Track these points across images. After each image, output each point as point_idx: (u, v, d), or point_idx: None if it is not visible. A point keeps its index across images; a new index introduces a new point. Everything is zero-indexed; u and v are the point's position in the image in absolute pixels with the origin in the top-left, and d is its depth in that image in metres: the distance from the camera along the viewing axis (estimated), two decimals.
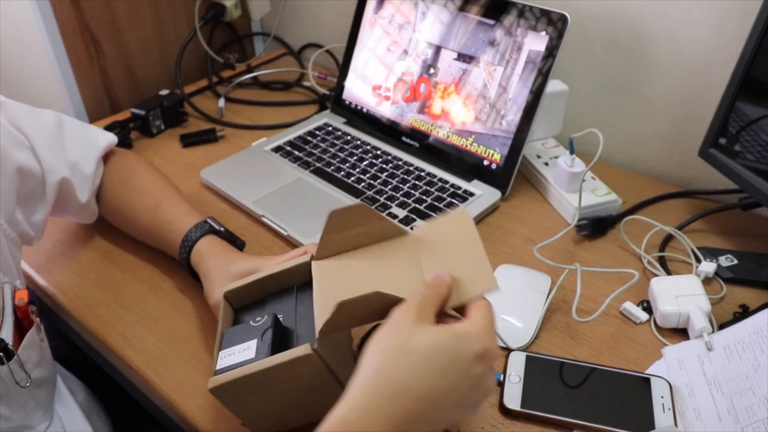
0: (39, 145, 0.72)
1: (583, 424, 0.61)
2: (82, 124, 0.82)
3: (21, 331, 0.66)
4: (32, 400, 0.69)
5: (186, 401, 0.66)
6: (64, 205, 0.78)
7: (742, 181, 0.78)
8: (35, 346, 0.68)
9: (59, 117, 0.79)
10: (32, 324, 0.67)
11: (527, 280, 0.76)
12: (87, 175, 0.78)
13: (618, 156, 1.03)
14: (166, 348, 0.71)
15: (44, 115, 0.77)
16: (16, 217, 0.69)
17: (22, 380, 0.65)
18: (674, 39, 0.91)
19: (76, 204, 0.79)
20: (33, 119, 0.74)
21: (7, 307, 0.64)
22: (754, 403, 0.59)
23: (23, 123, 0.72)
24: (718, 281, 0.77)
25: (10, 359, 0.62)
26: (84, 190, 0.78)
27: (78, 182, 0.77)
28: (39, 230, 0.74)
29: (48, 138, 0.74)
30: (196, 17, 1.23)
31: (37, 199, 0.73)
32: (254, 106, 1.21)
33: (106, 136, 0.84)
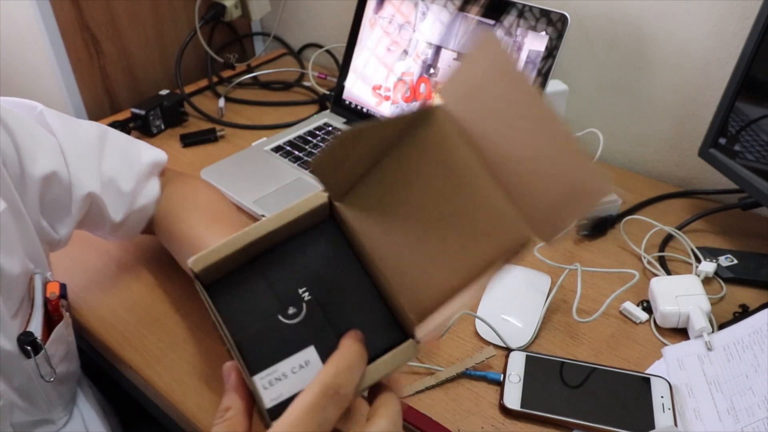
0: (70, 156, 0.68)
1: (583, 424, 0.61)
2: (129, 140, 0.77)
3: (49, 325, 0.65)
4: (55, 394, 0.68)
5: (186, 401, 0.66)
6: (95, 221, 0.73)
7: (742, 181, 0.78)
8: (62, 340, 0.67)
9: (103, 131, 0.74)
10: (61, 318, 0.66)
11: (527, 280, 0.76)
12: (124, 192, 0.72)
13: (618, 156, 1.03)
14: (166, 348, 0.71)
15: (85, 127, 0.73)
16: (41, 223, 0.67)
17: (47, 375, 0.63)
18: (674, 39, 0.91)
19: (109, 222, 0.72)
20: (69, 130, 0.70)
21: (37, 299, 0.63)
22: (753, 402, 0.59)
23: (58, 132, 0.69)
24: (718, 281, 0.77)
25: (37, 353, 0.61)
26: (118, 207, 0.72)
27: (111, 199, 0.71)
28: (64, 240, 0.71)
29: (82, 150, 0.70)
30: (196, 17, 1.23)
31: (62, 210, 0.68)
32: (254, 106, 1.21)
33: (152, 153, 0.78)
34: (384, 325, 0.41)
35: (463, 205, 0.38)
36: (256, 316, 0.39)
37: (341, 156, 0.37)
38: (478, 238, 0.38)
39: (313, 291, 0.40)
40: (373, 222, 0.40)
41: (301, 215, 0.40)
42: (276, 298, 0.39)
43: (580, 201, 0.35)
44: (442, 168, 0.39)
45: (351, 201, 0.41)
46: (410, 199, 0.40)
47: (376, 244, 0.40)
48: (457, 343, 0.70)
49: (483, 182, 0.37)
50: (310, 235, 0.41)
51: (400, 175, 0.40)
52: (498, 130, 0.37)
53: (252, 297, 0.39)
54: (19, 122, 0.64)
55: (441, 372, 0.66)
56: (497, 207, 0.37)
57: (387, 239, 0.40)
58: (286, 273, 0.40)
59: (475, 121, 0.38)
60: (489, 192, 0.37)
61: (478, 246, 0.38)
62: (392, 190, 0.40)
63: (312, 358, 0.38)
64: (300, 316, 0.39)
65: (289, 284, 0.40)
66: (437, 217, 0.39)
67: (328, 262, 0.41)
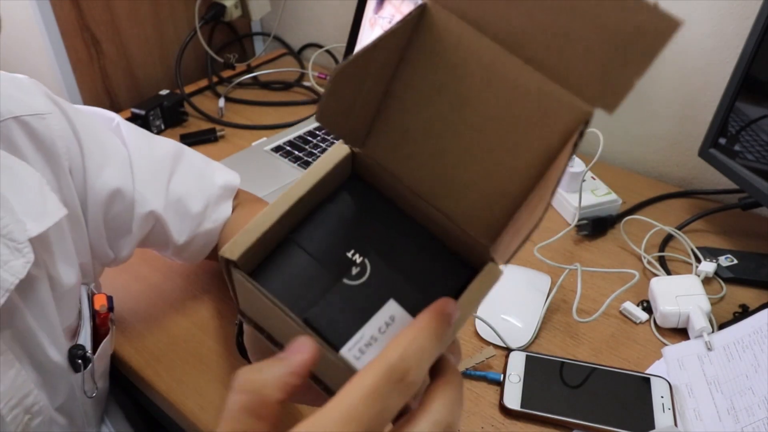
0: (138, 172, 0.66)
1: (583, 424, 0.61)
2: (205, 161, 0.75)
3: (95, 338, 0.63)
4: (91, 411, 0.67)
5: (186, 401, 0.66)
6: (158, 241, 0.70)
7: (742, 181, 0.78)
8: (106, 355, 0.66)
9: (179, 149, 0.72)
10: (108, 332, 0.65)
11: (527, 280, 0.76)
12: (191, 214, 0.70)
13: (618, 156, 1.03)
14: (165, 348, 0.71)
15: (161, 144, 0.71)
16: (101, 240, 0.65)
17: (89, 390, 0.62)
18: (674, 39, 0.90)
19: (172, 243, 0.70)
20: (143, 145, 0.68)
21: (84, 311, 0.62)
22: (753, 402, 0.59)
23: (131, 147, 0.67)
24: (718, 281, 0.77)
25: (86, 367, 0.60)
26: (183, 229, 0.70)
27: (175, 219, 0.69)
28: (121, 259, 0.69)
29: (152, 167, 0.68)
30: (196, 17, 1.23)
31: (123, 227, 0.66)
32: (254, 106, 1.21)
33: (226, 176, 0.74)
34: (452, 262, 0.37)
35: (499, 102, 0.33)
36: (316, 288, 0.35)
37: (345, 97, 0.33)
38: (529, 131, 0.33)
39: (363, 250, 0.36)
40: (407, 156, 0.37)
41: (326, 173, 0.36)
42: (328, 266, 0.36)
43: (644, 49, 0.29)
44: (461, 69, 0.34)
45: (375, 143, 0.37)
46: (438, 116, 0.35)
47: (418, 179, 0.37)
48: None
49: (512, 69, 0.32)
50: (340, 197, 0.38)
51: (418, 95, 0.35)
52: (509, 1, 0.31)
53: (303, 272, 0.35)
54: (91, 133, 0.63)
55: None
56: (540, 90, 0.32)
57: (427, 169, 0.36)
58: (328, 241, 0.37)
59: (476, 2, 0.32)
60: (524, 77, 0.32)
61: (530, 140, 0.33)
62: (415, 114, 0.36)
63: (396, 312, 0.34)
64: (366, 275, 0.35)
65: (337, 251, 0.36)
66: (475, 126, 0.34)
67: (367, 219, 0.38)
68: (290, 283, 0.35)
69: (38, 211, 0.54)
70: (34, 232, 0.53)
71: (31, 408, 0.57)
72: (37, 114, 0.58)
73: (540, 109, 0.32)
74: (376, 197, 0.39)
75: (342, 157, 0.37)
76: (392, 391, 0.28)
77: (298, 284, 0.35)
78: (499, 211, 0.36)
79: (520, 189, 0.35)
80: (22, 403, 0.56)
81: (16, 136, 0.56)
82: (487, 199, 0.36)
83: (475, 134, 0.35)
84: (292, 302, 0.34)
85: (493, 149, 0.35)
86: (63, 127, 0.60)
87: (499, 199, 0.35)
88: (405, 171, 0.37)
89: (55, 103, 0.60)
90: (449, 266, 0.37)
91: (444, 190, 0.37)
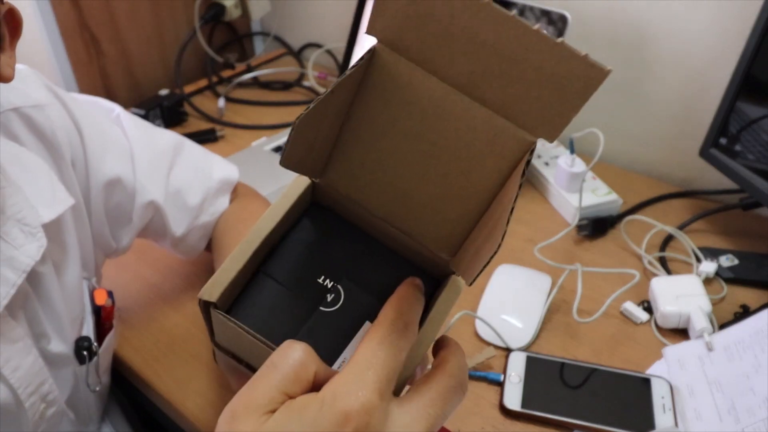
0: (139, 163, 0.67)
1: (583, 425, 0.61)
2: (205, 154, 0.76)
3: (99, 333, 0.64)
4: (93, 406, 0.67)
5: (186, 402, 0.65)
6: (157, 232, 0.71)
7: (742, 181, 0.78)
8: (110, 350, 0.66)
9: (180, 142, 0.73)
10: (112, 326, 0.65)
11: (527, 280, 0.76)
12: (189, 207, 0.71)
13: (618, 156, 1.03)
14: (165, 348, 0.71)
15: (161, 135, 0.72)
16: (103, 229, 0.66)
17: (93, 384, 0.62)
18: (675, 39, 0.91)
19: (170, 235, 0.71)
20: (143, 136, 0.69)
21: (86, 305, 0.62)
22: (754, 403, 0.59)
23: (132, 137, 0.68)
24: (719, 281, 0.77)
25: (91, 359, 0.60)
26: (180, 221, 0.70)
27: (174, 211, 0.69)
28: (122, 249, 0.69)
29: (152, 158, 0.68)
30: (196, 17, 1.23)
31: (124, 217, 0.67)
32: (254, 106, 1.21)
33: (224, 170, 0.75)
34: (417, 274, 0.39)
35: (449, 134, 0.36)
36: (293, 318, 0.37)
37: (306, 140, 0.35)
38: (480, 158, 0.36)
39: (334, 275, 0.39)
40: (365, 184, 0.39)
41: (291, 206, 0.39)
42: (302, 294, 0.38)
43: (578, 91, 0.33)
44: (413, 105, 0.36)
45: (334, 172, 0.39)
46: (393, 147, 0.38)
47: (377, 203, 0.39)
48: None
49: (460, 105, 0.35)
50: (303, 225, 0.41)
51: (373, 129, 0.38)
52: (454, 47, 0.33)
53: (279, 304, 0.38)
54: (92, 123, 0.63)
55: None
56: (487, 124, 0.35)
57: (386, 194, 0.39)
58: (298, 269, 0.39)
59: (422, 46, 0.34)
60: (472, 112, 0.35)
61: (482, 166, 0.36)
62: (371, 146, 0.38)
63: None
64: (341, 300, 0.38)
65: (308, 279, 0.39)
66: (429, 154, 0.37)
67: (332, 243, 0.40)
68: (268, 316, 0.38)
69: (48, 198, 0.55)
70: (46, 218, 0.54)
71: (47, 396, 0.57)
72: (36, 105, 0.58)
73: (489, 139, 0.36)
74: (337, 221, 0.41)
75: (304, 189, 0.40)
76: (399, 338, 0.32)
77: (276, 316, 0.38)
78: (457, 230, 0.39)
79: (475, 209, 0.38)
80: (39, 391, 0.56)
81: (16, 127, 0.57)
82: (444, 218, 0.38)
83: (429, 161, 0.37)
84: (272, 334, 0.36)
85: (448, 174, 0.37)
86: (63, 118, 0.60)
87: (456, 218, 0.38)
88: (364, 197, 0.39)
89: (55, 93, 0.61)
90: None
91: (402, 212, 0.39)
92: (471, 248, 0.37)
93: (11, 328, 0.53)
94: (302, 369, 0.31)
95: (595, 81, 0.32)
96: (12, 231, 0.52)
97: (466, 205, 0.38)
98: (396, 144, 0.38)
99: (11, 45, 0.50)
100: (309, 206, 0.42)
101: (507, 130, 0.35)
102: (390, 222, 0.39)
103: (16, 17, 0.50)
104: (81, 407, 0.64)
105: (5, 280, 0.50)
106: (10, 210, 0.52)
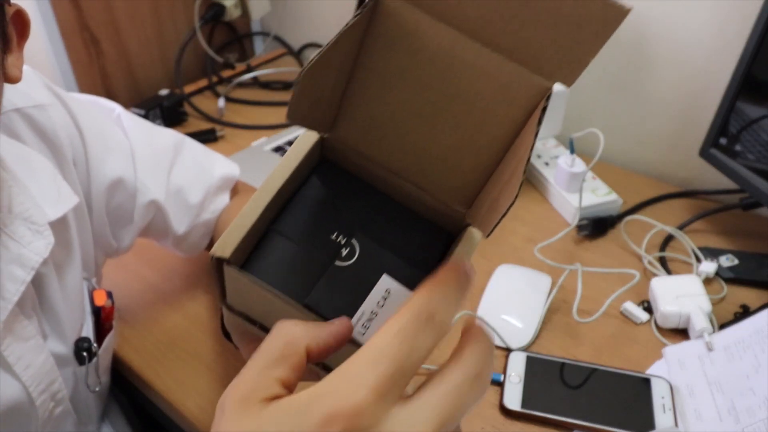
0: (140, 162, 0.66)
1: (583, 425, 0.61)
2: (206, 152, 0.76)
3: (99, 333, 0.64)
4: (93, 407, 0.67)
5: (186, 402, 0.65)
6: (158, 231, 0.71)
7: (742, 181, 0.78)
8: (110, 351, 0.66)
9: (180, 140, 0.73)
10: (111, 327, 0.65)
11: (527, 280, 0.76)
12: (190, 205, 0.71)
13: (618, 156, 1.03)
14: (165, 348, 0.71)
15: (162, 134, 0.72)
16: (104, 229, 0.66)
17: (92, 384, 0.62)
18: (675, 39, 0.91)
19: (172, 234, 0.71)
20: (144, 135, 0.69)
21: (86, 306, 0.63)
22: (754, 403, 0.59)
23: (132, 137, 0.68)
24: (719, 281, 0.77)
25: (90, 360, 0.60)
26: (182, 219, 0.70)
27: (175, 210, 0.69)
28: (123, 248, 0.69)
29: (153, 157, 0.68)
30: (196, 17, 1.23)
31: (125, 217, 0.67)
32: (254, 106, 1.21)
33: (225, 167, 0.75)
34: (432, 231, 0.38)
35: (460, 83, 0.35)
36: (308, 274, 0.36)
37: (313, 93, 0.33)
38: (493, 108, 0.34)
39: (347, 231, 0.37)
40: (376, 139, 0.38)
41: (300, 162, 0.37)
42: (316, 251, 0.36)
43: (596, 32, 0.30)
44: (421, 54, 0.34)
45: (343, 128, 0.38)
46: (402, 99, 0.36)
47: (388, 157, 0.38)
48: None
49: (471, 52, 0.33)
50: (312, 182, 0.39)
51: (381, 81, 0.36)
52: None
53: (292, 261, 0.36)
54: (92, 123, 0.63)
55: None
56: (500, 70, 0.33)
57: (397, 148, 0.38)
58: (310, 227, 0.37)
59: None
60: (484, 59, 0.33)
61: (495, 116, 0.35)
62: (380, 99, 0.37)
63: (391, 286, 0.35)
64: (356, 255, 0.36)
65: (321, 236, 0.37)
66: (440, 106, 0.35)
67: (343, 201, 0.39)
68: (282, 272, 0.36)
69: (54, 197, 0.56)
70: (52, 216, 0.55)
71: (56, 395, 0.57)
72: (38, 105, 0.58)
73: (501, 87, 0.34)
74: (347, 178, 0.40)
75: (312, 144, 0.38)
76: (421, 331, 0.28)
77: (290, 272, 0.36)
78: (471, 181, 0.37)
79: (489, 161, 0.36)
80: (49, 389, 0.56)
81: (19, 128, 0.57)
82: (458, 170, 0.37)
83: (440, 113, 0.36)
84: (286, 290, 0.34)
85: (460, 125, 0.36)
86: (64, 118, 0.60)
87: (470, 170, 0.37)
88: (375, 151, 0.38)
89: (55, 94, 0.61)
90: (430, 235, 0.39)
91: (415, 165, 0.38)
92: (487, 200, 0.35)
93: (23, 326, 0.53)
94: (287, 347, 0.28)
95: (614, 21, 0.30)
96: (19, 229, 0.52)
97: (479, 157, 0.36)
98: (405, 96, 0.36)
99: (19, 46, 0.50)
100: (318, 163, 0.40)
101: (521, 76, 0.33)
102: (402, 176, 0.38)
103: (23, 19, 0.50)
104: (81, 407, 0.64)
105: (15, 278, 0.51)
106: (18, 209, 0.52)
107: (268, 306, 0.35)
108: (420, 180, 0.38)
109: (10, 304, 0.50)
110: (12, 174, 0.53)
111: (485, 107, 0.35)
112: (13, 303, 0.50)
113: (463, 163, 0.37)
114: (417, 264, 0.37)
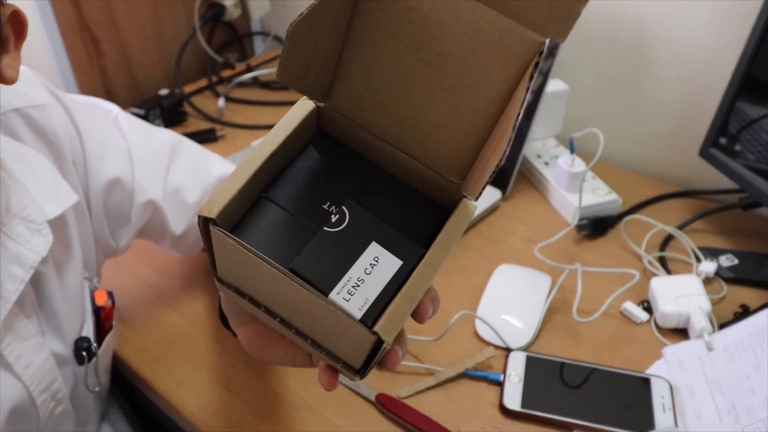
0: (137, 162, 0.66)
1: (583, 425, 0.61)
2: (203, 152, 0.76)
3: (99, 333, 0.64)
4: (92, 407, 0.67)
5: (185, 402, 0.65)
6: (156, 232, 0.71)
7: (742, 180, 0.78)
8: (110, 351, 0.67)
9: (178, 140, 0.73)
10: (111, 327, 0.65)
11: (527, 280, 0.76)
12: (188, 205, 0.71)
13: (618, 156, 1.03)
14: (165, 349, 0.71)
15: (159, 134, 0.72)
16: (103, 230, 0.66)
17: (92, 384, 0.62)
18: (675, 38, 0.91)
19: (170, 234, 0.71)
20: (141, 135, 0.69)
21: (86, 305, 0.63)
22: (754, 403, 0.59)
23: (129, 137, 0.68)
24: (719, 281, 0.77)
25: (90, 360, 0.60)
26: (179, 220, 0.70)
27: (173, 210, 0.69)
28: (121, 249, 0.69)
29: (151, 157, 0.68)
30: (195, 17, 1.23)
31: (122, 217, 0.67)
32: (254, 106, 1.21)
33: (222, 167, 0.75)
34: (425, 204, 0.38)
35: (454, 41, 0.34)
36: (296, 241, 0.35)
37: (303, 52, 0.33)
38: (486, 66, 0.34)
39: (339, 201, 0.37)
40: (371, 105, 0.37)
41: (293, 130, 0.37)
42: (306, 219, 0.36)
43: None
44: (413, 12, 0.34)
45: (338, 95, 0.38)
46: (397, 61, 0.36)
47: (384, 126, 0.38)
48: (457, 344, 0.70)
49: (463, 7, 0.33)
50: (308, 153, 0.39)
51: (374, 43, 0.36)
52: None
53: (281, 227, 0.36)
54: (90, 124, 0.63)
55: (441, 372, 0.66)
56: (492, 25, 0.33)
57: (393, 115, 0.37)
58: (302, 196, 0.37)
59: None
60: (476, 14, 0.33)
61: (489, 75, 0.35)
62: (374, 62, 0.36)
63: (380, 253, 0.35)
64: (345, 221, 0.36)
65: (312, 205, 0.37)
66: (434, 66, 0.35)
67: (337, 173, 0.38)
68: (270, 238, 0.36)
69: (53, 195, 0.56)
70: (51, 215, 0.55)
71: (56, 395, 0.57)
72: (37, 105, 0.58)
73: (494, 42, 0.34)
74: (343, 152, 0.40)
75: (307, 113, 0.38)
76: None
77: (278, 238, 0.36)
78: (466, 149, 0.37)
79: (483, 125, 0.36)
80: (50, 389, 0.56)
81: (18, 128, 0.57)
82: (453, 137, 0.37)
83: (435, 74, 0.36)
84: (274, 255, 0.34)
85: (454, 87, 0.36)
86: (63, 118, 0.60)
87: (465, 137, 0.37)
88: (370, 119, 0.38)
89: (54, 94, 0.61)
90: (423, 208, 0.39)
91: (411, 134, 0.37)
92: (479, 165, 0.35)
93: (23, 325, 0.53)
94: None
95: None
96: (17, 228, 0.52)
97: (473, 121, 0.36)
98: (399, 58, 0.36)
99: (16, 47, 0.50)
100: (315, 135, 0.40)
101: (513, 31, 0.33)
102: (397, 146, 0.38)
103: (20, 19, 0.50)
104: (80, 407, 0.64)
105: (13, 277, 0.51)
106: (15, 208, 0.53)
107: (255, 273, 0.35)
108: (415, 149, 0.38)
109: (9, 303, 0.50)
110: (10, 173, 0.53)
111: (478, 66, 0.34)
112: (12, 302, 0.50)
113: (457, 129, 0.37)
114: (408, 235, 0.36)
